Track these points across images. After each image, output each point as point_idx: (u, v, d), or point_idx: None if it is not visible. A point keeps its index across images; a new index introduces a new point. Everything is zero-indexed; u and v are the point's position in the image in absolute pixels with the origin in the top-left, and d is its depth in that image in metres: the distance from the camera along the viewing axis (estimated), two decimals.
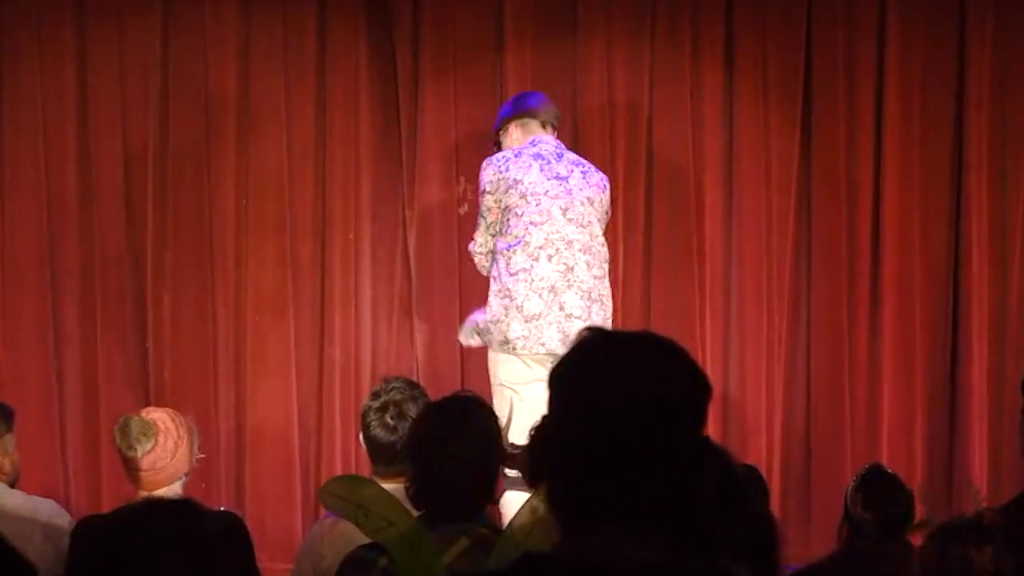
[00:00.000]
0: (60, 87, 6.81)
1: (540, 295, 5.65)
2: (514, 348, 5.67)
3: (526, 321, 5.64)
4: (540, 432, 2.07)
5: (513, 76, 6.85)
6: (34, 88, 6.78)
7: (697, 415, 2.03)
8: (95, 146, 6.80)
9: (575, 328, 5.44)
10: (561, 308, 5.66)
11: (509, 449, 3.90)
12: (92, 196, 6.78)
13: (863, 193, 6.97)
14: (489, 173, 5.78)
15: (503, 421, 4.22)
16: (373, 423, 4.18)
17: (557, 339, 5.61)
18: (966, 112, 6.97)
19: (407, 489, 3.43)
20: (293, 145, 6.86)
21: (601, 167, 6.53)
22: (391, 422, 4.15)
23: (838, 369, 6.94)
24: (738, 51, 6.95)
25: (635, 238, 6.91)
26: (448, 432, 3.38)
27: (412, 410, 4.10)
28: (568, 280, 5.68)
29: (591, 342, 2.08)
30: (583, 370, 2.05)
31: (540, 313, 5.64)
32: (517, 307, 5.65)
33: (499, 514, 4.55)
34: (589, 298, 5.71)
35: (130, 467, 4.38)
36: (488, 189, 5.78)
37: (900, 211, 6.95)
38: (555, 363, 2.08)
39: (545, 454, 2.05)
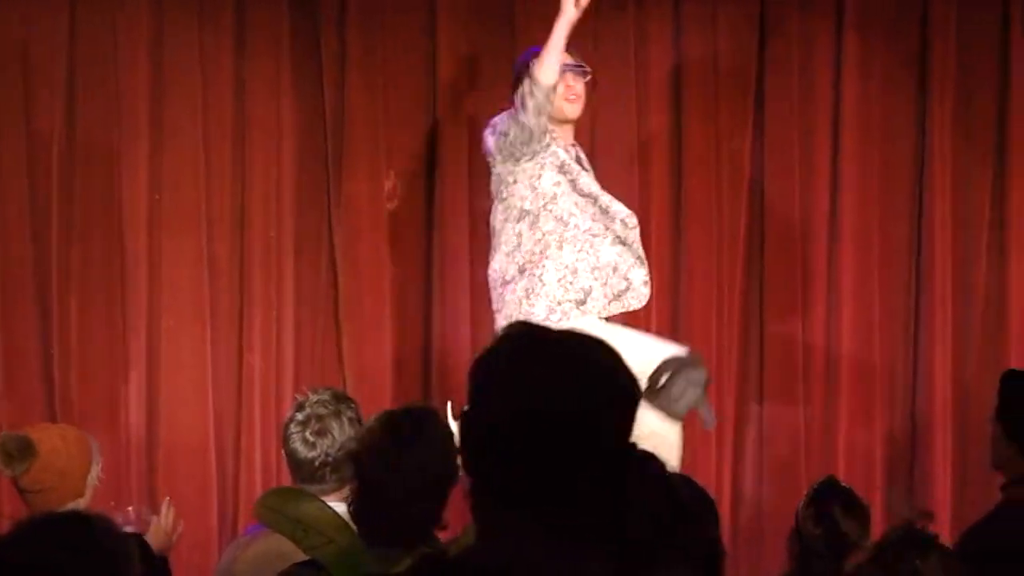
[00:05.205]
0: None
1: None
2: None
3: None
4: (460, 425, 2.03)
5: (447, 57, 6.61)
6: None
7: (621, 422, 1.99)
8: None
9: None
10: None
11: None
12: None
13: (820, 191, 6.79)
14: None
15: None
16: (293, 436, 4.02)
17: None
18: (928, 105, 6.81)
19: (349, 505, 3.27)
20: (210, 136, 6.55)
21: None
22: (311, 438, 3.97)
23: (792, 378, 6.74)
24: (685, 35, 6.75)
25: None
26: (396, 447, 3.20)
27: (335, 427, 3.95)
28: None
29: (515, 338, 2.04)
30: (504, 366, 2.01)
31: None
32: None
33: None
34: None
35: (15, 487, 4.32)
36: None
37: (859, 209, 6.79)
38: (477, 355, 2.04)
39: (464, 448, 2.02)
